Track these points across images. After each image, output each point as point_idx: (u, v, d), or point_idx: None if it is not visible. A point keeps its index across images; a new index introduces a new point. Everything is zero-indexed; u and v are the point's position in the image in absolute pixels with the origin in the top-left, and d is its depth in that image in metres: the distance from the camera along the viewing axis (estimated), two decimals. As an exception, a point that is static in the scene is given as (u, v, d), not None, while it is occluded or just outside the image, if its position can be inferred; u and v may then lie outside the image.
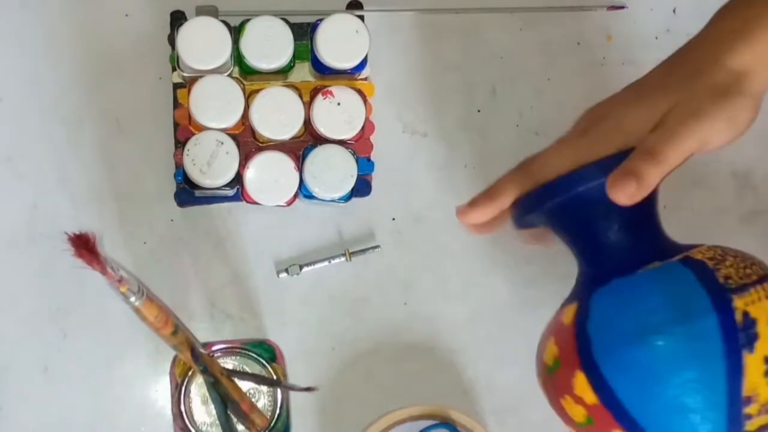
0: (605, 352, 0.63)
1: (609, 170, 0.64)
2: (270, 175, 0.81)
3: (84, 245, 0.58)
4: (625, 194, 0.63)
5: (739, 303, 0.63)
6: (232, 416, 0.72)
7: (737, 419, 0.62)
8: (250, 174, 0.81)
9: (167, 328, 0.64)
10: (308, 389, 0.74)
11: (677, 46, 0.70)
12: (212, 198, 0.83)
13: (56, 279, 0.81)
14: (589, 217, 0.67)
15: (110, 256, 0.61)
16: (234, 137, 0.81)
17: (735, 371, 0.61)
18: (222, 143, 0.80)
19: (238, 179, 0.81)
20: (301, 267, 0.84)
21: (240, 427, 0.73)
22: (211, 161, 0.80)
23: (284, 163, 0.81)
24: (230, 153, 0.80)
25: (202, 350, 0.70)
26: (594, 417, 0.64)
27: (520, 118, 0.87)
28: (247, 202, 0.82)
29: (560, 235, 0.71)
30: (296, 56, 0.82)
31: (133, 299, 0.62)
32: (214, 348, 0.76)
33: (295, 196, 0.82)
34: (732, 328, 0.62)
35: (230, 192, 0.82)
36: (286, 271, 0.84)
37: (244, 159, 0.81)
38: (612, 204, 0.63)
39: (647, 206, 0.68)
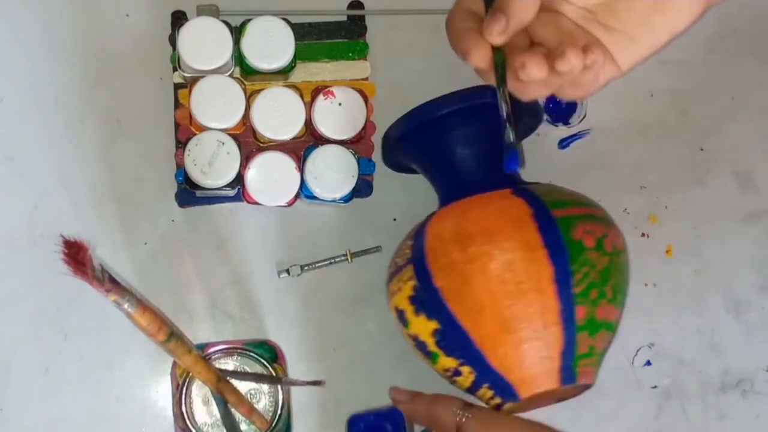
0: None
1: (467, 100, 0.74)
2: (271, 176, 0.81)
3: (74, 254, 0.58)
4: (495, 31, 0.58)
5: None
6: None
7: None
8: (251, 174, 0.81)
9: (160, 335, 0.65)
10: (314, 383, 0.74)
11: (678, 45, 0.70)
12: (213, 198, 0.83)
13: (57, 280, 0.80)
14: (448, 142, 0.76)
15: (108, 259, 0.61)
16: (235, 137, 0.81)
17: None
18: (223, 143, 0.80)
19: (239, 179, 0.81)
20: (302, 267, 0.84)
21: (244, 426, 0.73)
22: (212, 161, 0.80)
23: (285, 163, 0.81)
24: (231, 153, 0.80)
25: (200, 354, 0.70)
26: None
27: (521, 119, 0.87)
28: (248, 202, 0.82)
29: (421, 167, 0.80)
30: (297, 56, 0.82)
31: (125, 306, 0.62)
32: (215, 348, 0.76)
33: (296, 196, 0.82)
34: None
35: (231, 192, 0.82)
36: (287, 271, 0.84)
37: (245, 159, 0.81)
38: (469, 133, 0.75)
39: (484, 148, 0.76)
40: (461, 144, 0.76)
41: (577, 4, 0.60)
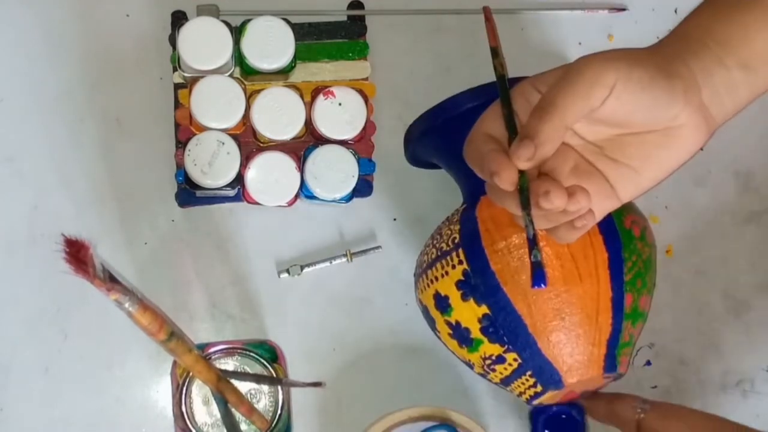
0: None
1: (483, 95, 0.72)
2: (271, 176, 0.81)
3: (75, 252, 0.58)
4: (523, 156, 0.58)
5: None
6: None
7: None
8: (251, 174, 0.81)
9: (161, 334, 0.64)
10: (314, 384, 0.74)
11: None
12: (213, 198, 0.83)
13: (57, 280, 0.81)
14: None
15: (108, 259, 0.60)
16: (235, 137, 0.81)
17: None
18: (223, 143, 0.80)
19: (239, 179, 0.81)
20: (302, 267, 0.84)
21: (244, 426, 0.73)
22: (212, 161, 0.80)
23: (285, 163, 0.81)
24: (231, 153, 0.80)
25: (200, 354, 0.70)
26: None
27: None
28: (248, 202, 0.82)
29: (447, 164, 0.79)
30: (297, 56, 0.82)
31: (126, 305, 0.62)
32: (215, 348, 0.76)
33: (296, 196, 0.82)
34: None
35: (231, 192, 0.82)
36: (287, 271, 0.84)
37: (245, 159, 0.81)
38: None
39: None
40: None
41: (587, 138, 0.61)
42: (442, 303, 0.73)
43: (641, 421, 0.71)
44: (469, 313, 0.72)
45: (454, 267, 0.72)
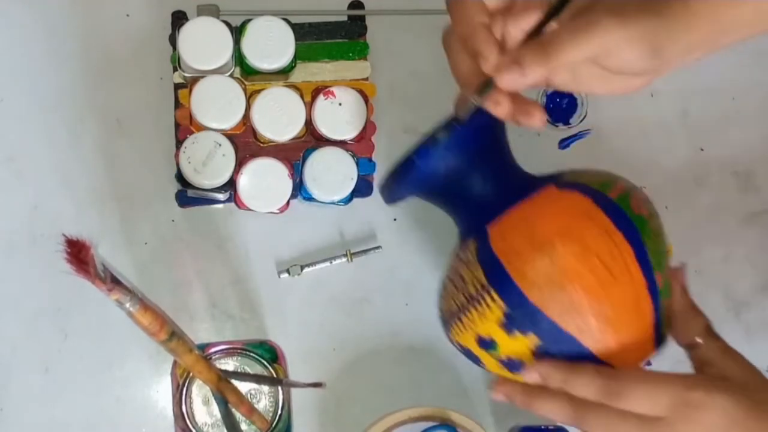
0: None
1: (447, 148, 0.70)
2: (263, 182, 0.81)
3: (77, 253, 0.58)
4: (507, 80, 0.62)
5: None
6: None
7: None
8: (243, 180, 0.81)
9: (162, 334, 0.65)
10: (315, 385, 0.74)
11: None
12: (205, 200, 0.83)
13: (57, 280, 0.81)
14: (451, 183, 0.72)
15: (108, 259, 0.61)
16: (235, 138, 0.81)
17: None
18: (220, 145, 0.80)
19: (231, 184, 0.81)
20: (302, 267, 0.84)
21: (244, 426, 0.73)
22: (207, 161, 0.80)
23: (278, 169, 0.81)
24: (227, 156, 0.80)
25: (200, 354, 0.70)
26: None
27: (522, 119, 0.87)
28: (240, 207, 0.82)
29: (434, 203, 0.77)
30: (297, 56, 0.82)
31: (127, 305, 0.62)
32: (216, 348, 0.76)
33: (288, 203, 0.82)
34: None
35: (222, 196, 0.82)
36: (288, 271, 0.84)
37: (239, 165, 0.81)
38: (468, 166, 0.71)
39: (500, 161, 0.74)
40: (473, 171, 0.73)
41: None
42: (487, 343, 0.71)
43: (700, 347, 0.70)
44: (519, 346, 0.70)
45: (489, 307, 0.70)
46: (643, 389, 0.65)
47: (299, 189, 0.83)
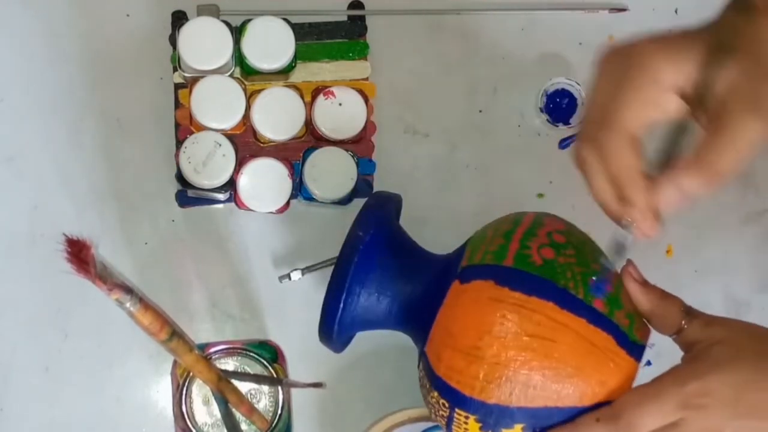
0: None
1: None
2: (263, 182, 0.81)
3: (77, 252, 0.58)
4: (647, 227, 0.69)
5: None
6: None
7: None
8: (243, 180, 0.81)
9: (162, 334, 0.65)
10: (315, 385, 0.74)
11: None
12: (205, 200, 0.83)
13: (57, 280, 0.81)
14: (376, 315, 0.74)
15: (108, 259, 0.60)
16: (235, 138, 0.81)
17: None
18: (220, 145, 0.80)
19: (231, 184, 0.81)
20: (302, 272, 0.83)
21: (244, 426, 0.73)
22: (207, 161, 0.80)
23: (278, 170, 0.81)
24: (227, 156, 0.80)
25: (200, 354, 0.70)
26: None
27: (522, 119, 0.87)
28: (240, 207, 0.82)
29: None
30: (297, 56, 0.82)
31: (128, 305, 0.62)
32: (216, 348, 0.76)
33: (288, 203, 0.82)
34: None
35: (222, 196, 0.82)
36: (288, 276, 0.83)
37: (238, 165, 0.81)
38: (379, 295, 0.73)
39: (408, 271, 0.74)
40: (387, 299, 0.74)
41: None
42: None
43: (684, 330, 0.69)
44: None
45: (466, 422, 0.69)
46: (645, 409, 0.65)
47: (299, 189, 0.83)
